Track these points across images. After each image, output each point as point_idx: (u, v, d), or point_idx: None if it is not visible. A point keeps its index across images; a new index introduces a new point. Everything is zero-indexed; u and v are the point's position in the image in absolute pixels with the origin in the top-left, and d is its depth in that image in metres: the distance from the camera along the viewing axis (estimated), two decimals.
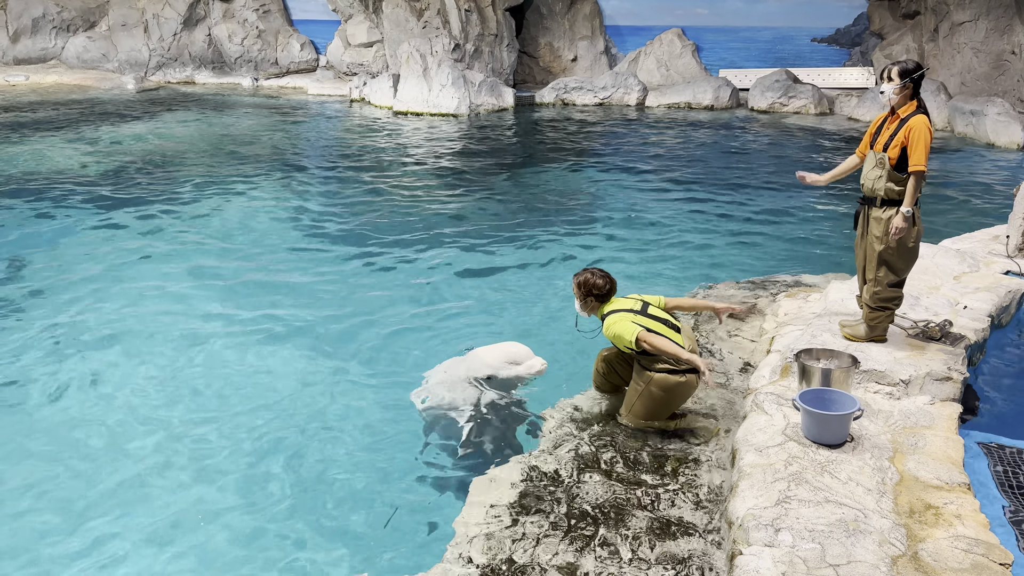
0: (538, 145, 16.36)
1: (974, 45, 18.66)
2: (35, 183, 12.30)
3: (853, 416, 4.23)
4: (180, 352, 6.57)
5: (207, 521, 4.47)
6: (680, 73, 22.80)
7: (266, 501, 4.65)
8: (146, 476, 4.89)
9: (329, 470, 4.95)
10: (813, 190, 12.39)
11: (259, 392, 5.94)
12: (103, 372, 6.24)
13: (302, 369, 6.30)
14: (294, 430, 5.39)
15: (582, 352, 6.13)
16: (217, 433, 5.35)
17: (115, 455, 5.11)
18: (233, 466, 4.98)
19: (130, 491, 4.75)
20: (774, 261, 9.07)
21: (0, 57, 25.87)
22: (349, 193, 12.12)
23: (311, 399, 5.83)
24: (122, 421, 5.52)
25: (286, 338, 6.87)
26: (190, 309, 7.46)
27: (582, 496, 4.29)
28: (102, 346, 6.67)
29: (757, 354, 5.94)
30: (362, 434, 5.33)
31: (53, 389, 5.96)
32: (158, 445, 5.22)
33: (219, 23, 25.58)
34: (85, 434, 5.35)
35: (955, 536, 3.52)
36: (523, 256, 9.20)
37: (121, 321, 7.19)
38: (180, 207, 11.12)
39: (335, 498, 4.67)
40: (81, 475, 4.90)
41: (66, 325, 7.09)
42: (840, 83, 22.60)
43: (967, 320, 5.72)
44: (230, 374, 6.21)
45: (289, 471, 4.93)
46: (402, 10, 21.54)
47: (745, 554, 3.44)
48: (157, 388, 5.98)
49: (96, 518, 4.51)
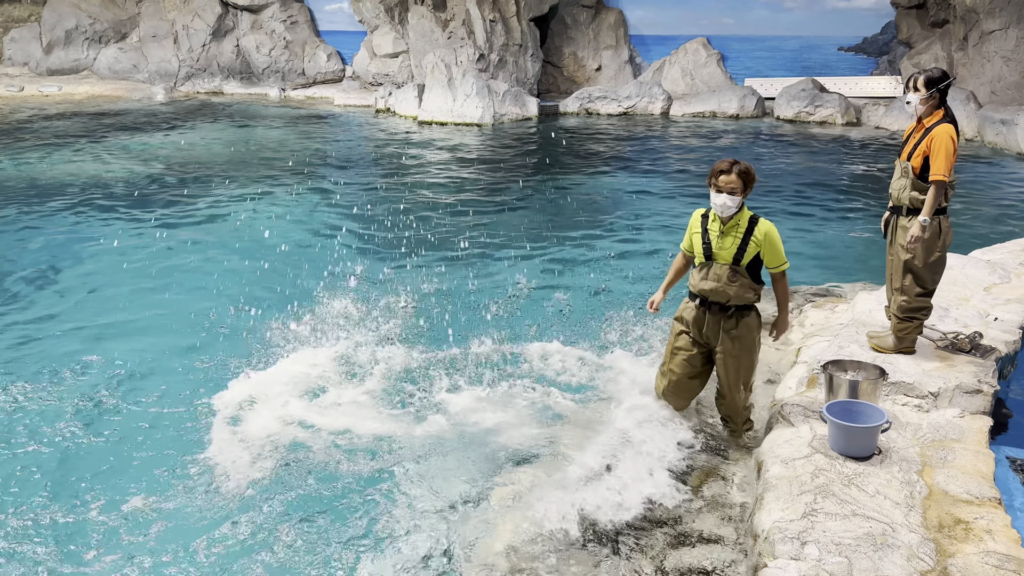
0: (561, 154, 16.37)
1: (1004, 54, 18.42)
2: (69, 190, 12.51)
3: (881, 428, 4.18)
4: (204, 360, 6.63)
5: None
6: (705, 82, 22.73)
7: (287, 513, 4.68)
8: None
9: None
10: (843, 201, 12.29)
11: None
12: (123, 378, 6.31)
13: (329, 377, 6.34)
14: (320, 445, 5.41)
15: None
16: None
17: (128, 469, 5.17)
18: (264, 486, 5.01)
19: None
20: (801, 270, 9.00)
21: (34, 68, 26.38)
22: (374, 202, 12.20)
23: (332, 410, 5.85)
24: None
25: (299, 336, 6.93)
26: (217, 319, 7.54)
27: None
28: (126, 350, 6.75)
29: (783, 365, 5.90)
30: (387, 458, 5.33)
31: (79, 387, 6.04)
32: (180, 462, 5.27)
33: (247, 34, 25.91)
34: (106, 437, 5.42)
35: (985, 552, 3.46)
36: (547, 263, 9.20)
37: (147, 326, 7.29)
38: (207, 215, 11.25)
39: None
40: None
41: (93, 327, 7.21)
42: (867, 92, 22.41)
43: (998, 332, 5.64)
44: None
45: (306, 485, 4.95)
46: (427, 21, 21.68)
47: (771, 567, 3.40)
48: (180, 398, 6.04)
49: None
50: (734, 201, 4.52)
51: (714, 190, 4.56)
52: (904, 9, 21.65)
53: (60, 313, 7.72)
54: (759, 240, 4.59)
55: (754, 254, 4.60)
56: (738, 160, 4.58)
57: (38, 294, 8.25)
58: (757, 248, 4.59)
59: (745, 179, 4.54)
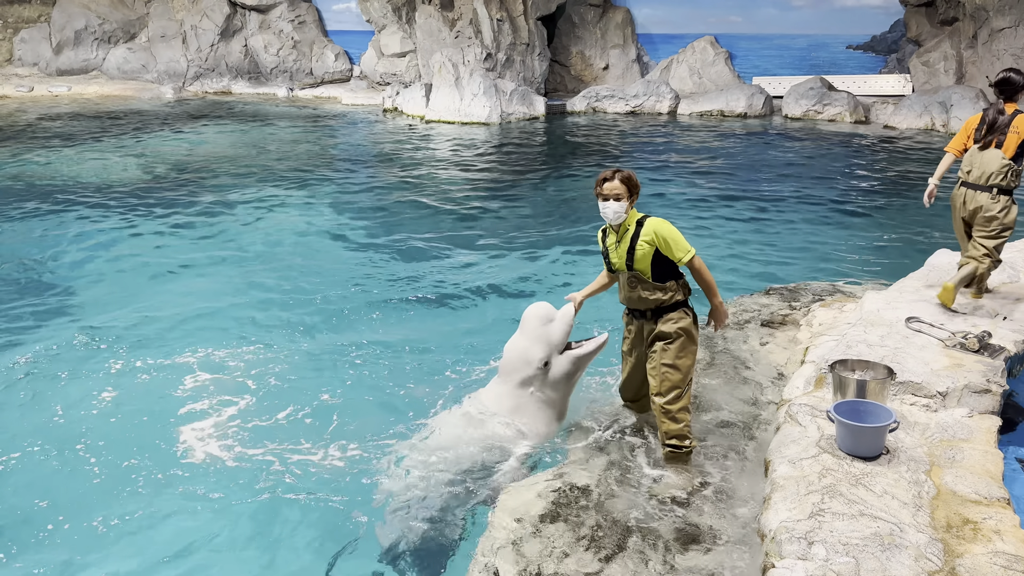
0: (568, 153, 16.36)
1: (1014, 52, 18.33)
2: (78, 190, 12.58)
3: (889, 428, 4.16)
4: (213, 357, 6.66)
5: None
6: (713, 81, 22.68)
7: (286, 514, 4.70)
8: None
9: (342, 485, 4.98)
10: (852, 199, 12.25)
11: (286, 392, 6.00)
12: (131, 374, 6.34)
13: (332, 374, 6.36)
14: (321, 434, 5.43)
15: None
16: (262, 445, 5.41)
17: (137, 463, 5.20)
18: (253, 479, 5.03)
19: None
20: (808, 269, 8.97)
21: (44, 68, 26.52)
22: (381, 201, 12.22)
23: (335, 406, 5.87)
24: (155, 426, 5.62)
25: (311, 336, 6.95)
26: (226, 318, 7.57)
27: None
28: (133, 349, 6.78)
29: (791, 364, 5.88)
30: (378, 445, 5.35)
31: (86, 385, 6.07)
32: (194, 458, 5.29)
33: (255, 34, 25.99)
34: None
35: (994, 552, 3.45)
36: (550, 265, 9.20)
37: (153, 325, 7.32)
38: (215, 215, 11.29)
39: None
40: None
41: (100, 327, 7.24)
42: (876, 91, 22.33)
43: (1007, 331, 5.61)
44: (262, 377, 6.29)
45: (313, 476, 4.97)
46: (435, 20, 21.70)
47: (778, 567, 3.39)
48: (186, 394, 6.07)
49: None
50: (621, 207, 4.54)
51: (601, 199, 4.58)
52: (913, 7, 21.56)
53: (62, 309, 7.77)
54: (649, 239, 4.52)
55: (651, 254, 4.53)
56: (620, 168, 4.66)
57: (37, 289, 8.30)
58: (651, 247, 4.52)
59: (628, 184, 4.57)
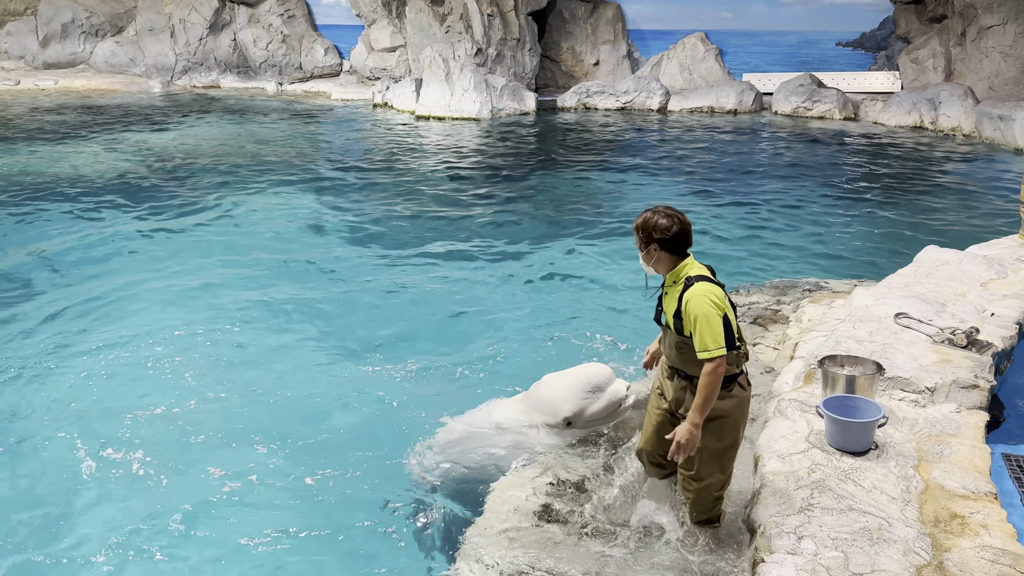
0: (559, 149, 16.36)
1: (1002, 49, 18.42)
2: (63, 185, 12.47)
3: (878, 423, 4.18)
4: (201, 351, 6.63)
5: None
6: (703, 77, 22.71)
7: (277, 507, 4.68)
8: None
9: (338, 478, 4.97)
10: (841, 195, 12.30)
11: (268, 390, 5.97)
12: (115, 371, 6.30)
13: (319, 371, 6.34)
14: (310, 433, 5.42)
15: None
16: (244, 437, 5.39)
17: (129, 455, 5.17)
18: (242, 467, 5.01)
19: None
20: (798, 266, 9.01)
21: (30, 62, 26.29)
22: (371, 197, 12.18)
23: (323, 402, 5.86)
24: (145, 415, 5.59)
25: (302, 334, 6.93)
26: (211, 313, 7.53)
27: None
28: (119, 344, 6.74)
29: (780, 360, 5.90)
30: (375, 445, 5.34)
31: (70, 378, 6.04)
32: (188, 448, 5.27)
33: (244, 28, 25.84)
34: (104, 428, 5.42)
35: (981, 546, 3.47)
36: (541, 261, 9.19)
37: (139, 323, 7.28)
38: (204, 210, 11.23)
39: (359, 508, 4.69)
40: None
41: (86, 323, 7.20)
42: (865, 87, 22.41)
43: (994, 327, 5.64)
44: (251, 373, 6.26)
45: (301, 476, 4.96)
46: (425, 15, 21.64)
47: (768, 562, 3.41)
48: (174, 388, 6.04)
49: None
50: (645, 259, 3.83)
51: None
52: (902, 4, 21.65)
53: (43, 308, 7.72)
54: (685, 310, 3.67)
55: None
56: (641, 213, 3.88)
57: (16, 283, 8.24)
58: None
59: (639, 234, 3.80)
